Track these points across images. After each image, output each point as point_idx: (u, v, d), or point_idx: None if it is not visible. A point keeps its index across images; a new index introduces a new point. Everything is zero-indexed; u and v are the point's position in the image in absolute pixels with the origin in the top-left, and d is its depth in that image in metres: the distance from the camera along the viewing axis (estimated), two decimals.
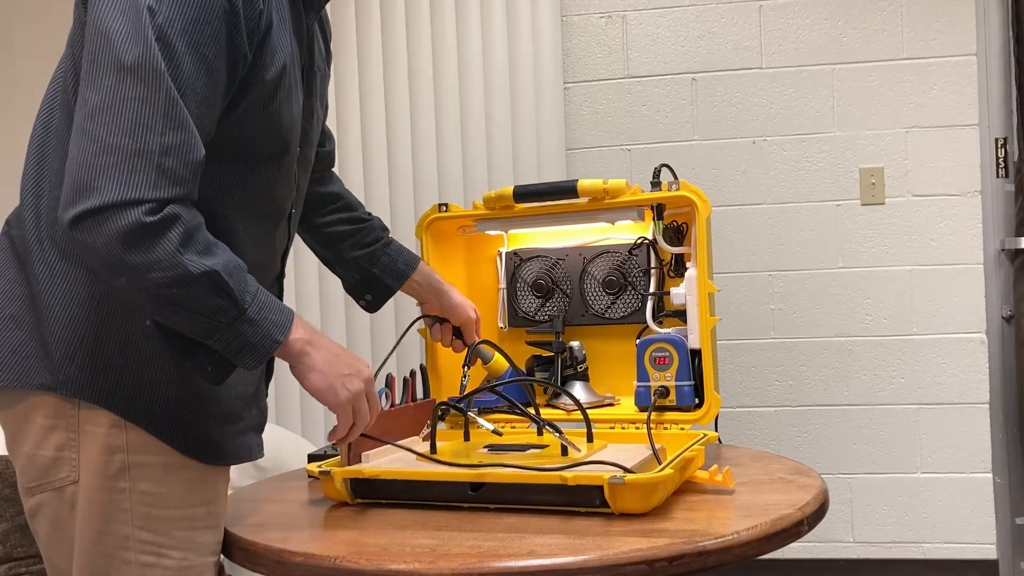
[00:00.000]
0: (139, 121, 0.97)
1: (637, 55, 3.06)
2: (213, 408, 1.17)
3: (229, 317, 1.04)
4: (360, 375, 1.15)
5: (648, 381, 1.53)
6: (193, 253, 1.00)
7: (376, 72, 3.01)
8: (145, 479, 1.12)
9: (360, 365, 1.16)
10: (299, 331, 1.10)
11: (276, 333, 1.08)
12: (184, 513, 1.14)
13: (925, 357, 2.95)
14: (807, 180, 3.00)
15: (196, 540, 1.15)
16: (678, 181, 1.53)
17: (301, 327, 1.11)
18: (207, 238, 1.04)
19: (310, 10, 1.21)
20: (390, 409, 1.41)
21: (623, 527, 1.07)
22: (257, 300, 1.06)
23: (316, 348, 1.12)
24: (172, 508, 1.14)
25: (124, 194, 0.96)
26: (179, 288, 1.00)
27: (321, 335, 1.14)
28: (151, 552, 1.12)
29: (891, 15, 2.95)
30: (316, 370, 1.12)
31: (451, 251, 1.73)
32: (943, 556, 2.94)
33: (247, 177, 1.15)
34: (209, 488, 1.17)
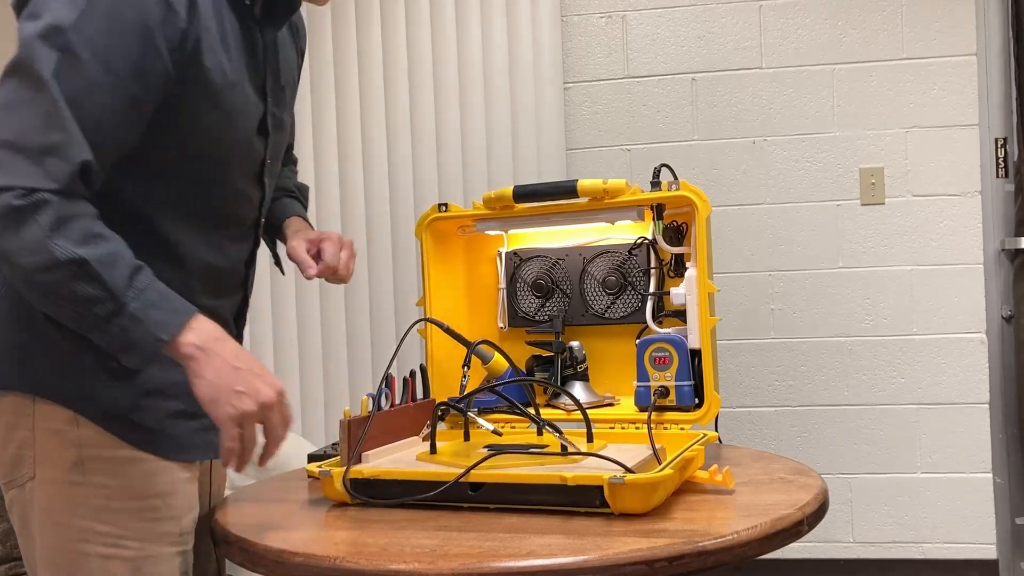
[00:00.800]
0: (24, 121, 1.02)
1: (637, 55, 3.06)
2: (167, 404, 1.19)
3: (106, 310, 1.03)
4: (257, 396, 1.07)
5: (648, 381, 1.53)
6: (64, 239, 1.02)
7: (376, 72, 3.01)
8: (100, 473, 1.15)
9: (261, 386, 1.07)
10: (191, 335, 1.06)
11: (160, 332, 1.05)
12: (140, 504, 1.17)
13: (925, 357, 2.95)
14: (807, 180, 3.00)
15: (154, 531, 1.17)
16: (678, 181, 1.53)
17: (197, 332, 1.07)
18: (89, 229, 1.04)
19: (266, 26, 1.24)
20: (390, 409, 1.41)
21: (623, 527, 1.07)
22: (143, 296, 1.04)
23: (208, 355, 1.06)
24: (128, 500, 1.16)
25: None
26: (47, 273, 1.02)
27: (228, 345, 1.09)
28: (109, 544, 1.15)
29: (891, 15, 2.95)
30: (203, 378, 1.06)
31: (451, 251, 1.73)
32: (943, 556, 2.94)
33: (192, 191, 1.18)
34: (165, 480, 1.19)
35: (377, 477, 1.24)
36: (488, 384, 1.55)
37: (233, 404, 1.06)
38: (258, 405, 1.07)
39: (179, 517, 1.21)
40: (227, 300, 1.30)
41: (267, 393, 1.08)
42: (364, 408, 1.36)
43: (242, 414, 1.06)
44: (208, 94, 1.13)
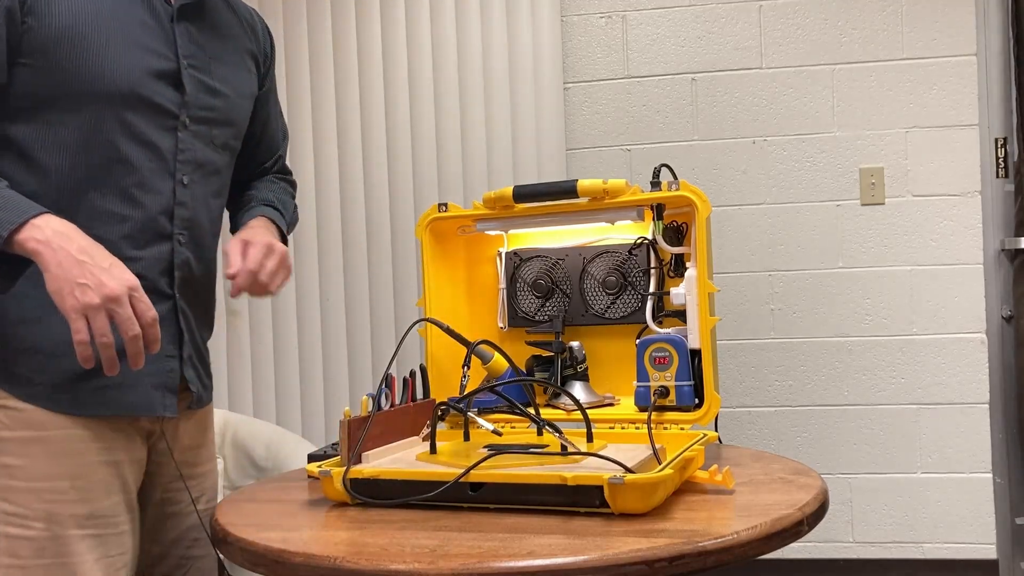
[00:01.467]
0: None
1: (637, 55, 3.06)
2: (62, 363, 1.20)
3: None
4: (100, 288, 1.07)
5: (648, 381, 1.53)
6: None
7: (376, 72, 3.01)
8: (6, 453, 1.18)
9: (105, 278, 1.08)
10: (33, 231, 1.09)
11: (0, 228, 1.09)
12: (45, 486, 1.18)
13: (925, 357, 2.95)
14: (807, 180, 3.00)
15: (58, 512, 1.19)
16: (678, 181, 1.53)
17: (41, 228, 1.09)
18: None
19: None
20: (390, 409, 1.41)
21: (623, 527, 1.07)
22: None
23: (52, 249, 1.08)
24: (33, 480, 1.18)
25: None
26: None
27: (75, 240, 1.11)
28: (15, 524, 1.18)
29: (891, 15, 2.95)
30: (48, 271, 1.09)
31: (451, 251, 1.73)
32: (943, 556, 2.94)
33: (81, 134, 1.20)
34: (73, 462, 1.20)
35: (377, 477, 1.24)
36: (488, 384, 1.55)
37: (75, 296, 1.07)
38: (102, 297, 1.07)
39: (88, 500, 1.21)
40: (148, 252, 1.28)
41: (112, 286, 1.08)
42: (364, 408, 1.36)
43: (84, 306, 1.07)
44: (60, 29, 1.18)
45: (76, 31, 1.19)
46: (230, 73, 1.39)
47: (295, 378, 2.99)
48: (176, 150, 1.30)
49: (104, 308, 1.08)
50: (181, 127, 1.30)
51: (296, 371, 2.99)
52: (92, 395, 1.23)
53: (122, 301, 1.08)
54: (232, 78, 1.40)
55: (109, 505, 1.23)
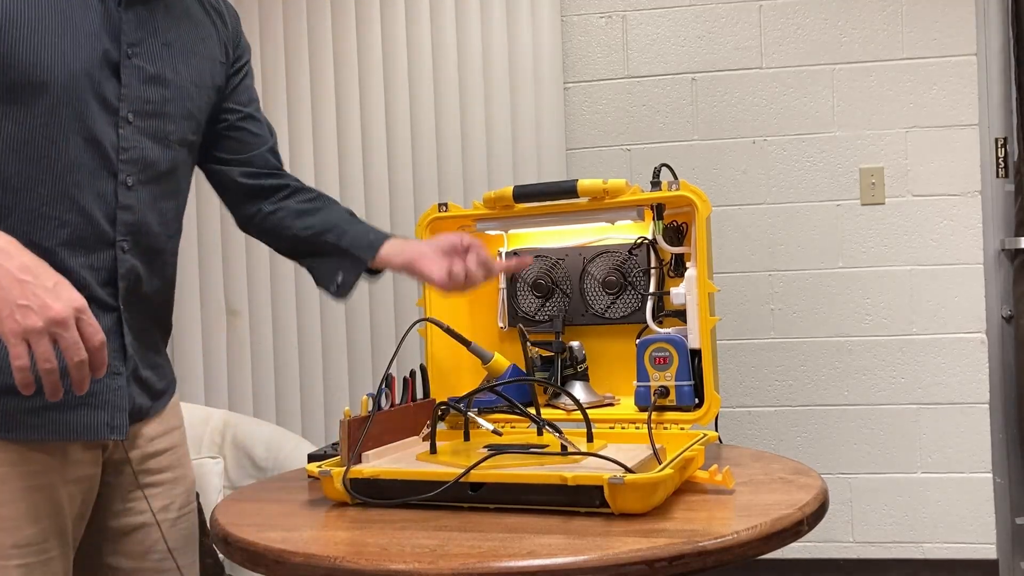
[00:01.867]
0: None
1: (637, 55, 3.06)
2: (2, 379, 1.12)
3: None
4: (43, 311, 0.98)
5: (648, 381, 1.53)
6: None
7: (376, 72, 3.01)
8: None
9: (49, 299, 0.99)
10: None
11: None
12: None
13: (925, 357, 2.95)
14: (807, 180, 3.00)
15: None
16: (678, 181, 1.53)
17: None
18: None
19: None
20: (390, 409, 1.41)
21: (623, 527, 1.07)
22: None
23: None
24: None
25: None
26: None
27: (15, 258, 1.01)
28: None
29: (891, 15, 2.95)
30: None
31: None
32: (943, 556, 2.94)
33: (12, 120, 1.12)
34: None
35: (377, 477, 1.24)
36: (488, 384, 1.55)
37: (15, 319, 0.97)
38: (45, 321, 0.98)
39: (12, 529, 1.13)
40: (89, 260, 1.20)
41: (56, 309, 0.98)
42: (364, 408, 1.36)
43: (25, 329, 0.98)
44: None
45: (6, 13, 1.10)
46: (187, 62, 1.30)
47: (295, 378, 2.99)
48: (118, 148, 1.21)
49: (48, 332, 0.98)
50: (123, 122, 1.21)
51: (296, 371, 2.99)
52: (27, 417, 1.14)
53: (68, 324, 0.99)
54: (189, 67, 1.30)
55: (35, 533, 1.14)
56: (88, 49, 1.17)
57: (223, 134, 1.43)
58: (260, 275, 2.97)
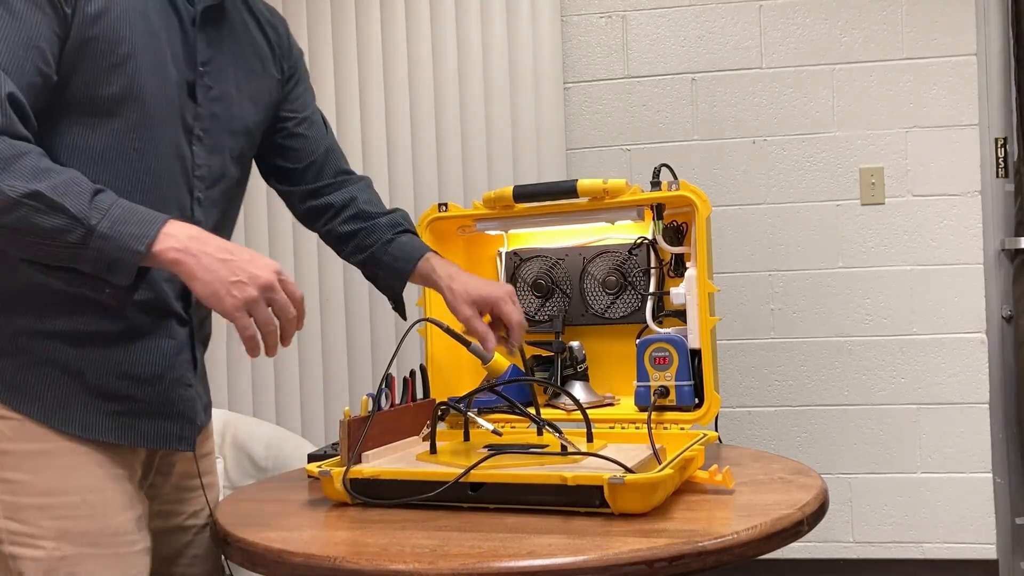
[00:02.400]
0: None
1: (637, 55, 3.06)
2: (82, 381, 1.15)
3: (77, 236, 1.03)
4: (254, 281, 1.08)
5: (648, 381, 1.53)
6: (12, 179, 1.01)
7: (376, 72, 3.01)
8: (9, 468, 1.11)
9: (254, 269, 1.08)
10: (168, 240, 1.06)
11: (135, 244, 1.05)
12: (53, 501, 1.12)
13: (925, 357, 2.95)
14: (807, 180, 3.00)
15: (69, 529, 1.12)
16: (678, 181, 1.53)
17: (174, 236, 1.07)
18: (35, 165, 1.04)
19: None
20: (390, 409, 1.41)
21: (623, 527, 1.07)
22: (110, 215, 1.04)
23: (193, 255, 1.07)
24: (40, 496, 1.12)
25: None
26: (5, 216, 1.02)
27: (210, 240, 1.09)
28: (22, 543, 1.11)
29: (891, 15, 2.95)
30: (197, 278, 1.07)
31: (451, 251, 1.73)
32: (943, 556, 2.94)
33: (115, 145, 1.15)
34: (83, 475, 1.14)
35: (377, 477, 1.24)
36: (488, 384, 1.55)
37: (233, 295, 1.07)
38: (258, 288, 1.08)
39: (100, 515, 1.14)
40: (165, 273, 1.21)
41: (264, 276, 1.08)
42: (364, 408, 1.36)
43: (245, 301, 1.07)
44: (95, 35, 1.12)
45: (109, 32, 1.13)
46: (248, 80, 1.34)
47: (295, 378, 2.99)
48: (193, 164, 1.25)
49: (263, 298, 1.08)
50: (195, 140, 1.25)
51: (296, 371, 2.99)
52: (105, 420, 1.17)
53: (276, 287, 1.09)
54: (249, 85, 1.34)
55: (123, 521, 1.17)
56: (174, 67, 1.20)
57: (281, 143, 1.46)
58: None
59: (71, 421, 1.15)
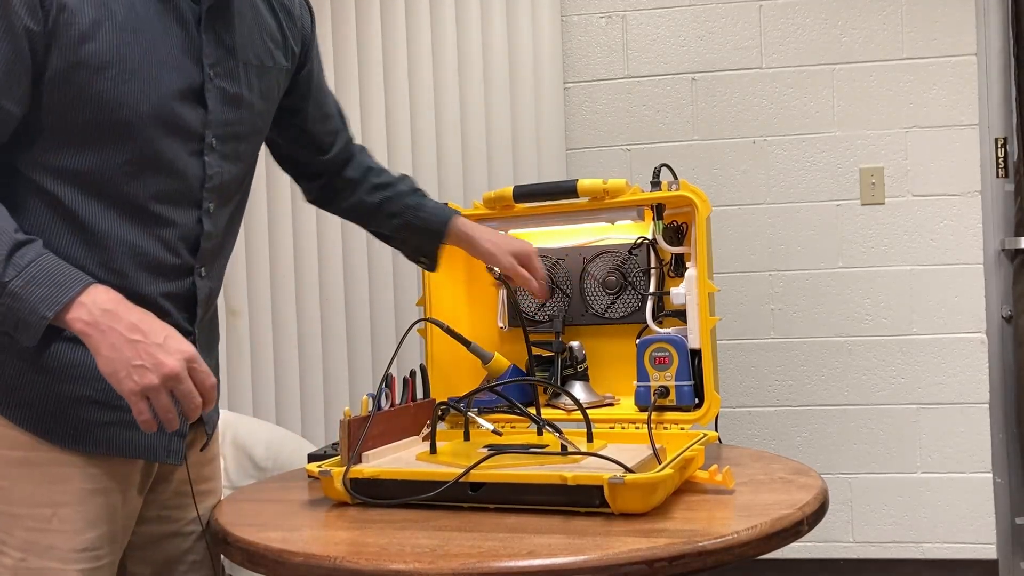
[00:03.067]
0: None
1: (637, 55, 3.06)
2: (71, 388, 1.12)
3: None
4: (158, 368, 1.02)
5: (648, 381, 1.53)
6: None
7: (376, 72, 3.01)
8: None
9: (161, 356, 1.02)
10: (79, 310, 1.02)
11: (44, 309, 1.01)
12: (27, 512, 1.10)
13: (925, 357, 2.95)
14: (807, 180, 3.00)
15: (38, 542, 1.10)
16: (678, 181, 1.53)
17: (86, 306, 1.02)
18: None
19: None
20: (390, 409, 1.41)
21: (623, 527, 1.07)
22: (25, 273, 1.01)
23: (101, 330, 1.02)
24: (15, 505, 1.10)
25: None
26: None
27: (124, 316, 1.03)
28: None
29: (891, 15, 2.95)
30: (100, 355, 1.02)
31: (451, 251, 1.73)
32: (943, 556, 2.94)
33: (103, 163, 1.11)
34: (60, 489, 1.12)
35: (377, 477, 1.24)
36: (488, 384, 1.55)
37: (133, 379, 1.01)
38: (161, 377, 1.02)
39: (75, 532, 1.12)
40: (171, 287, 1.20)
41: (170, 364, 1.02)
42: (364, 408, 1.36)
43: (143, 388, 1.02)
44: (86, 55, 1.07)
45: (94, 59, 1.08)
46: (259, 76, 1.28)
47: (295, 378, 2.99)
48: (204, 176, 1.20)
49: (164, 387, 1.02)
50: (208, 149, 1.20)
51: (296, 371, 2.99)
52: (95, 430, 1.14)
53: (182, 377, 1.03)
54: (260, 81, 1.28)
55: (93, 538, 1.14)
56: (170, 81, 1.14)
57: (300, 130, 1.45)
58: (260, 275, 2.97)
59: (62, 433, 1.13)
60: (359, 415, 1.33)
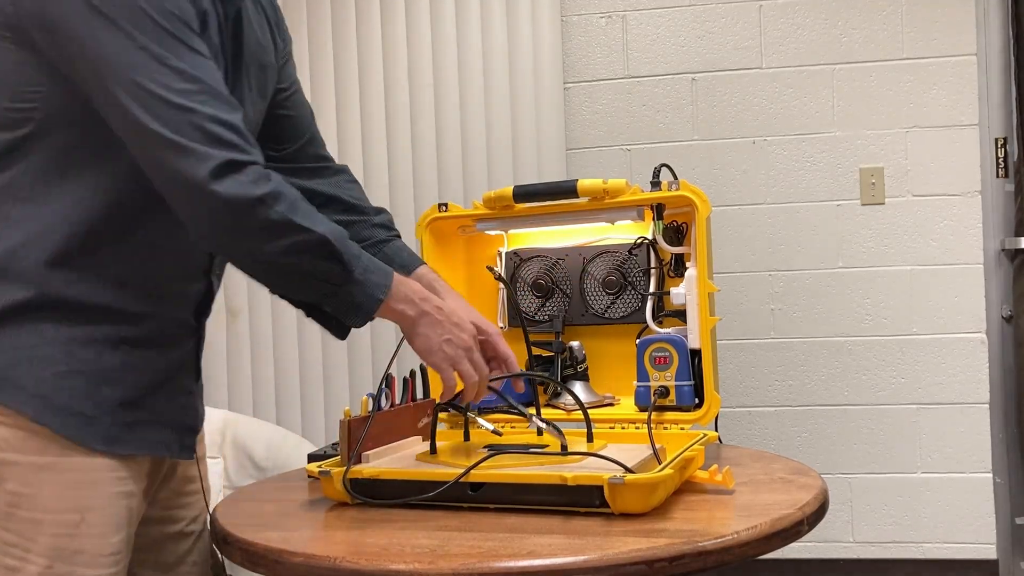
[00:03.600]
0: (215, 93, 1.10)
1: (637, 55, 3.06)
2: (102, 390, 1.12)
3: (338, 280, 1.12)
4: (460, 343, 1.22)
5: (648, 381, 1.53)
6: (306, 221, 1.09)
7: (376, 72, 3.01)
8: (12, 478, 1.08)
9: (461, 333, 1.22)
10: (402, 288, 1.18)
11: (378, 292, 1.16)
12: (52, 518, 1.09)
13: (925, 357, 2.95)
14: (807, 180, 3.00)
15: (64, 548, 1.09)
16: (678, 181, 1.53)
17: (402, 291, 1.18)
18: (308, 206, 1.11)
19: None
20: (390, 409, 1.41)
21: (623, 527, 1.07)
22: (361, 262, 1.14)
23: (422, 311, 1.19)
24: (39, 511, 1.09)
25: None
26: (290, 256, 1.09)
27: (430, 299, 1.21)
28: (15, 556, 1.08)
29: (891, 15, 2.95)
30: (416, 333, 1.20)
31: (451, 251, 1.73)
32: (943, 556, 2.94)
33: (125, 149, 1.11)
34: (86, 494, 1.11)
35: (377, 477, 1.24)
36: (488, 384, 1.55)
37: (444, 351, 1.21)
38: (464, 349, 1.22)
39: (101, 535, 1.12)
40: (190, 288, 1.23)
41: (465, 339, 1.23)
42: (364, 408, 1.36)
43: (452, 359, 1.22)
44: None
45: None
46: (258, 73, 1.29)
47: (295, 378, 2.99)
48: None
49: (466, 357, 1.22)
50: None
51: (296, 371, 2.99)
52: (123, 431, 1.14)
53: (474, 349, 1.24)
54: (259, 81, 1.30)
55: (117, 542, 1.14)
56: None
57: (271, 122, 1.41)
58: None
59: (99, 435, 1.12)
60: (359, 415, 1.33)
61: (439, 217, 1.67)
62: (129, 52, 1.03)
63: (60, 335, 1.10)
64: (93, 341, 1.12)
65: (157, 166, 1.05)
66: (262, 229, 1.07)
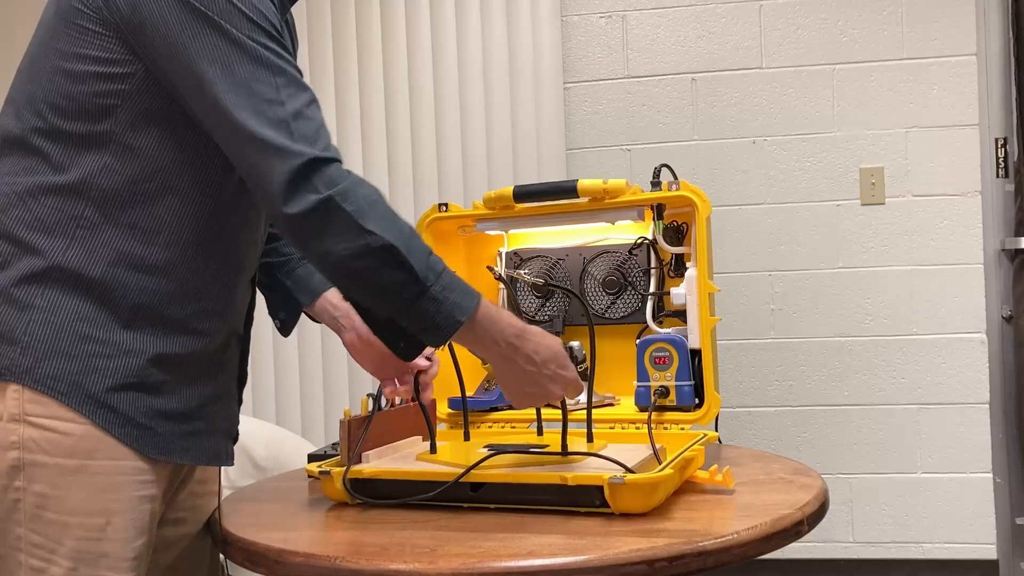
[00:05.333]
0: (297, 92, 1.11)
1: (637, 55, 3.06)
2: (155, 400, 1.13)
3: (411, 293, 1.07)
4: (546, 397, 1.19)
5: (648, 381, 1.53)
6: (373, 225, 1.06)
7: (376, 72, 3.01)
8: (40, 480, 1.08)
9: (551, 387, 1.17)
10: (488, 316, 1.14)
11: (459, 314, 1.10)
12: (79, 521, 1.09)
13: (925, 357, 2.95)
14: (807, 180, 3.00)
15: (89, 551, 1.09)
16: (678, 181, 1.53)
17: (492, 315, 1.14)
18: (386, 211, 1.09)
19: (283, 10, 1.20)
20: (390, 409, 1.41)
21: (623, 527, 1.07)
22: (441, 279, 1.09)
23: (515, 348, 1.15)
24: (65, 514, 1.08)
25: None
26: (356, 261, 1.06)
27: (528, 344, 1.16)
28: (40, 557, 1.08)
29: (891, 15, 2.95)
30: (501, 375, 1.17)
31: (451, 251, 1.73)
32: (943, 556, 2.94)
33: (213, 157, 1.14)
34: (113, 498, 1.11)
35: (377, 477, 1.24)
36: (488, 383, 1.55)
37: (522, 399, 1.19)
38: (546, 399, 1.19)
39: (125, 539, 1.12)
40: (245, 295, 1.26)
41: (555, 393, 1.18)
42: (364, 408, 1.36)
43: (532, 402, 1.19)
44: None
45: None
46: None
47: (295, 378, 2.99)
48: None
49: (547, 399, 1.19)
50: None
51: (296, 371, 2.99)
52: (178, 440, 1.15)
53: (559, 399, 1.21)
54: None
55: (140, 546, 1.14)
56: None
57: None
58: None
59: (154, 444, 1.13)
60: (359, 415, 1.33)
61: (439, 217, 1.67)
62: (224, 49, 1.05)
63: (135, 346, 1.11)
64: (164, 355, 1.13)
65: (241, 158, 1.07)
66: (328, 229, 1.05)
